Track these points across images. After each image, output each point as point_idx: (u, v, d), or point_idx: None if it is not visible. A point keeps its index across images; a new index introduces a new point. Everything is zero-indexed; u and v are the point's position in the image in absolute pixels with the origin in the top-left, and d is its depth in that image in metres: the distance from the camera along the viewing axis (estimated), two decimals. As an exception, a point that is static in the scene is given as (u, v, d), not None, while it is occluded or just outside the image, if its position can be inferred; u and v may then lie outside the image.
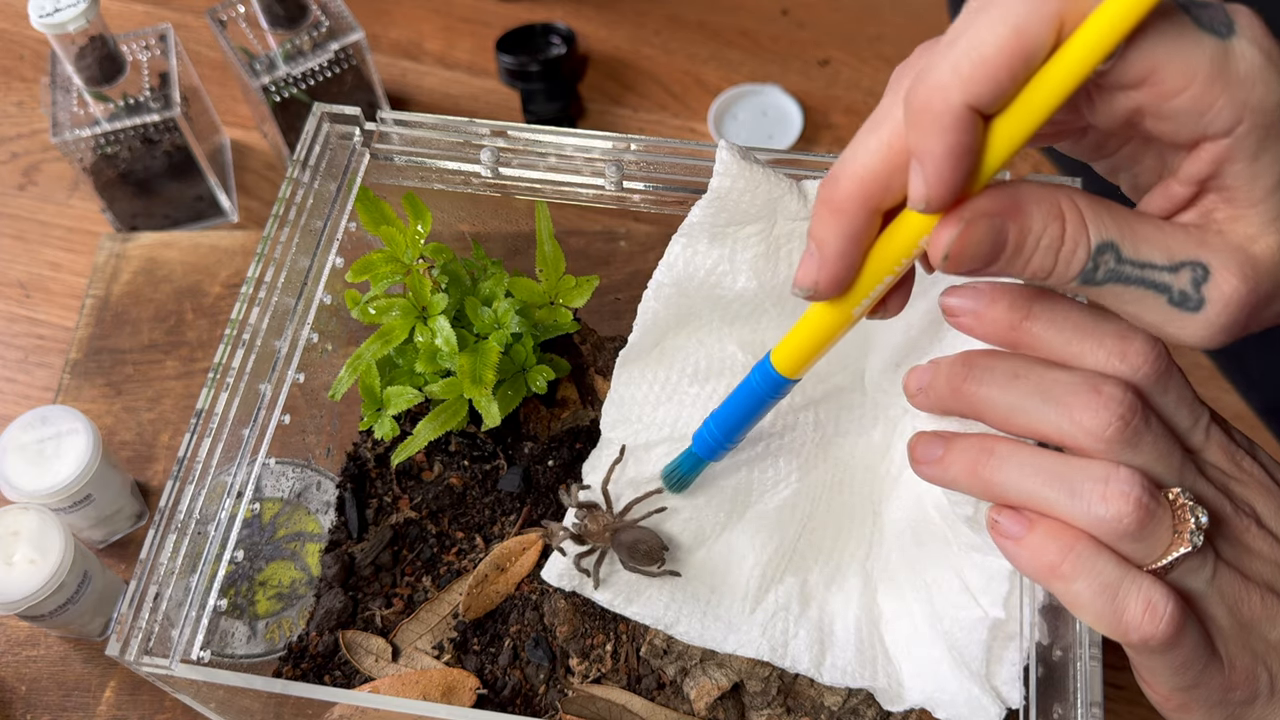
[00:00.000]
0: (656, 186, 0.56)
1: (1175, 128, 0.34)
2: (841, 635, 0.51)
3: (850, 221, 0.37)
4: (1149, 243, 0.35)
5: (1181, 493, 0.37)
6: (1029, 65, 0.32)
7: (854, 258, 0.37)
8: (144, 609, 0.47)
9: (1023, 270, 0.36)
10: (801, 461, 0.54)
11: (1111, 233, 0.35)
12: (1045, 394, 0.37)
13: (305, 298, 0.55)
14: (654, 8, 1.00)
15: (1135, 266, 0.35)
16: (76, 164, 0.81)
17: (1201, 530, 0.36)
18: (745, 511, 0.53)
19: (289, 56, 0.82)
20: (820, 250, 0.37)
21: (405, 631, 0.56)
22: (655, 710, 0.52)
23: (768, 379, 0.44)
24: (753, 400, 0.45)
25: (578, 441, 0.60)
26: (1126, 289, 0.35)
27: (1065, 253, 0.35)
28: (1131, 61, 0.33)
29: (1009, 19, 0.32)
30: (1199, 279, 0.35)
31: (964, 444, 0.39)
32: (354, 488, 0.61)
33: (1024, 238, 0.35)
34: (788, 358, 0.43)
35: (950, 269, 0.35)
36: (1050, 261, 0.35)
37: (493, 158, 0.57)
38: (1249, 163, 0.34)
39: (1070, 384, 0.37)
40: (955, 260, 0.35)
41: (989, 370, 0.39)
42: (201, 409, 0.51)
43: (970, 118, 0.33)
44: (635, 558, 0.50)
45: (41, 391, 0.79)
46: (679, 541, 0.52)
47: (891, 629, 0.51)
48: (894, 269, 0.37)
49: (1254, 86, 0.33)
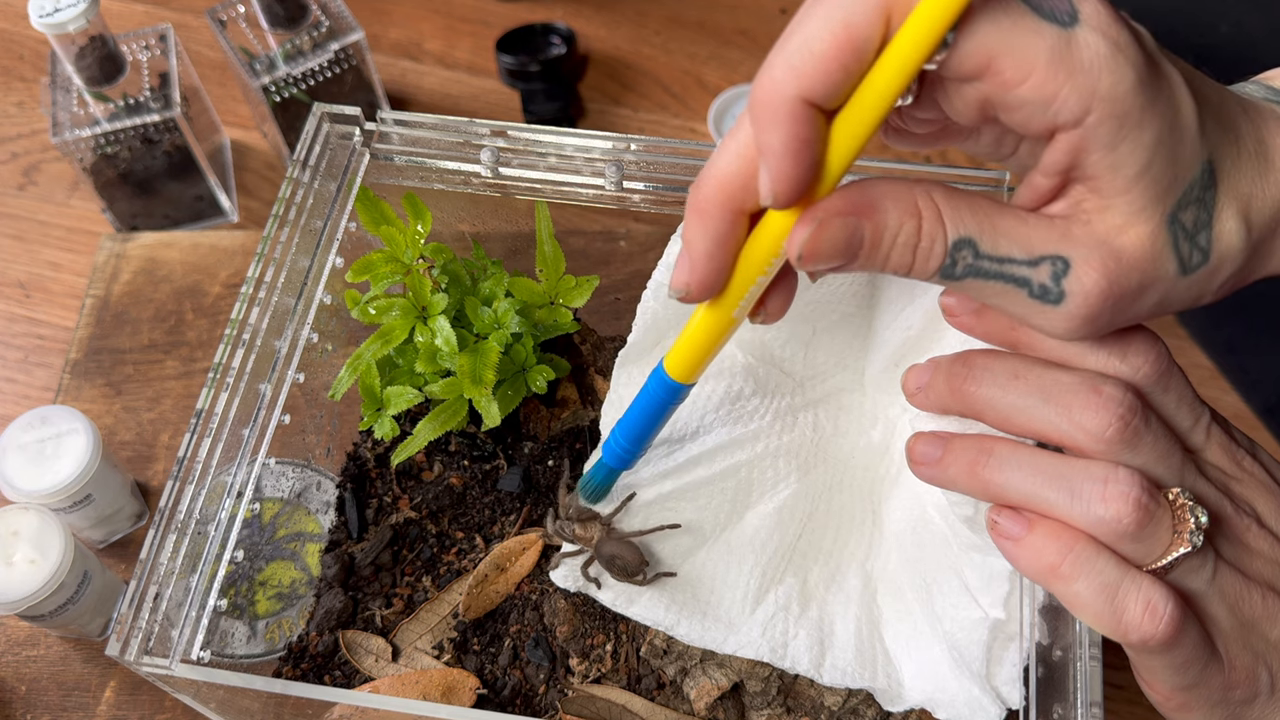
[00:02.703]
0: (656, 186, 0.56)
1: (1025, 118, 0.34)
2: (841, 636, 0.51)
3: (715, 224, 0.37)
4: (1008, 237, 0.35)
5: (1181, 493, 0.37)
6: (860, 58, 0.32)
7: (722, 260, 0.37)
8: (144, 609, 0.47)
9: (883, 267, 0.36)
10: (801, 462, 0.54)
11: (970, 229, 0.35)
12: (1045, 394, 0.37)
13: (305, 298, 0.55)
14: (654, 8, 1.00)
15: (994, 261, 0.35)
16: (76, 164, 0.81)
17: (1201, 530, 0.36)
18: (745, 513, 0.53)
19: (289, 56, 0.82)
20: (690, 252, 0.37)
21: (405, 631, 0.56)
22: (655, 710, 0.52)
23: (663, 385, 0.44)
24: (653, 407, 0.46)
25: (578, 441, 0.60)
26: (986, 283, 0.36)
27: (922, 249, 0.35)
28: (966, 52, 0.33)
29: (837, 14, 0.32)
30: (1059, 272, 0.35)
31: (962, 445, 0.39)
32: (354, 488, 0.61)
33: (879, 235, 0.35)
34: (679, 363, 0.43)
35: (806, 267, 0.35)
36: (908, 259, 0.35)
37: (493, 158, 0.57)
38: (1106, 152, 0.34)
39: (1070, 384, 0.37)
40: (810, 259, 0.35)
41: (988, 370, 0.39)
42: (201, 409, 0.51)
43: (806, 111, 0.33)
44: (614, 571, 0.50)
45: (41, 391, 0.79)
46: (681, 543, 0.52)
47: (891, 629, 0.51)
48: (764, 269, 0.38)
49: (1100, 75, 0.32)
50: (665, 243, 0.53)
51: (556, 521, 0.52)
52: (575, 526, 0.51)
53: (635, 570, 0.50)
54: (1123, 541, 0.36)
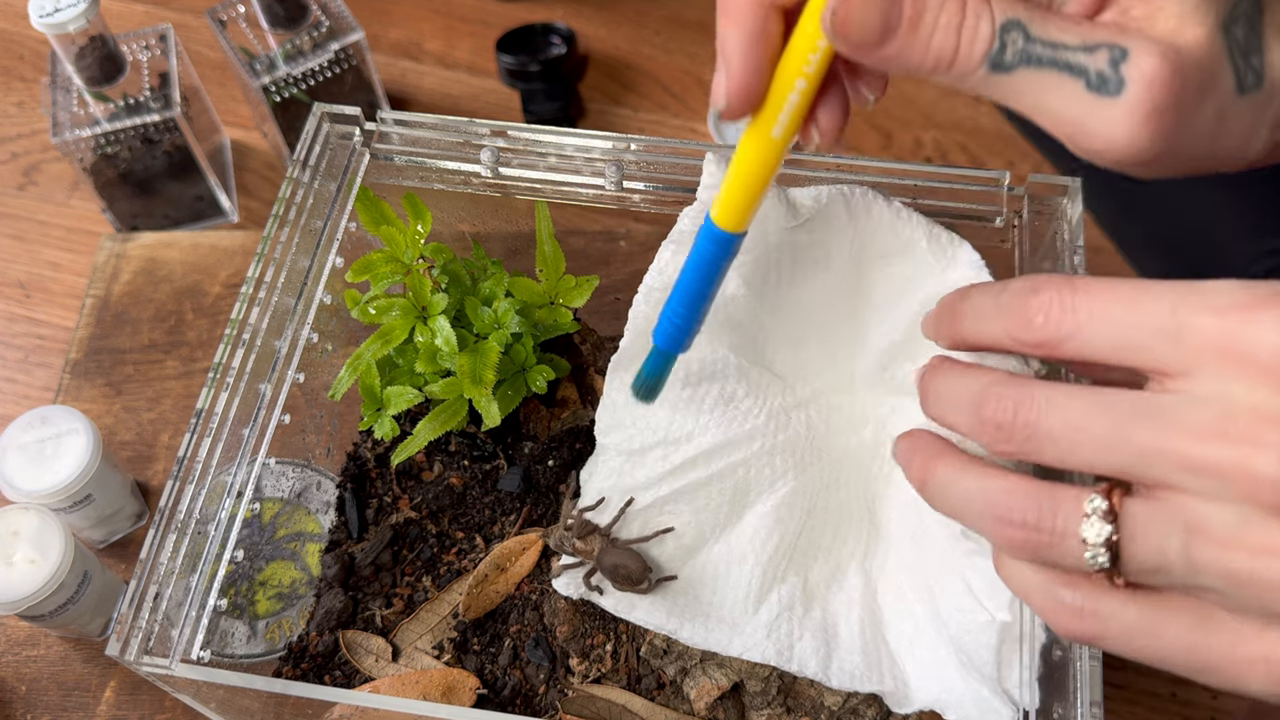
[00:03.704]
0: (656, 186, 0.56)
1: None
2: (846, 637, 0.51)
3: (748, 21, 0.35)
4: (1060, 24, 0.33)
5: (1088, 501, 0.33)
6: None
7: (758, 61, 0.35)
8: (144, 609, 0.47)
9: (925, 55, 0.33)
10: (797, 460, 0.54)
11: (1018, 11, 0.33)
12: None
13: (305, 298, 0.55)
14: (654, 8, 1.00)
15: (1047, 46, 0.33)
16: (76, 164, 0.81)
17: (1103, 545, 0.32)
18: (744, 513, 0.53)
19: (289, 56, 0.82)
20: (723, 55, 0.35)
21: (405, 631, 0.56)
22: (655, 710, 0.52)
23: (714, 239, 0.42)
24: (704, 266, 0.43)
25: (578, 441, 0.60)
26: (1040, 74, 0.33)
27: (968, 29, 0.33)
28: None
29: None
30: (1117, 59, 0.32)
31: (922, 452, 0.38)
32: (354, 488, 0.61)
33: (920, 10, 0.33)
34: (727, 209, 0.40)
35: (839, 38, 0.33)
36: (952, 40, 0.33)
37: (493, 158, 0.57)
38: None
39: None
40: (842, 26, 0.33)
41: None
42: (201, 409, 0.51)
43: None
44: (617, 581, 0.50)
45: (41, 391, 0.79)
46: (681, 544, 0.52)
47: (894, 630, 0.51)
48: (802, 69, 0.35)
49: None
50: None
51: (557, 536, 0.52)
52: (576, 541, 0.51)
53: (639, 578, 0.50)
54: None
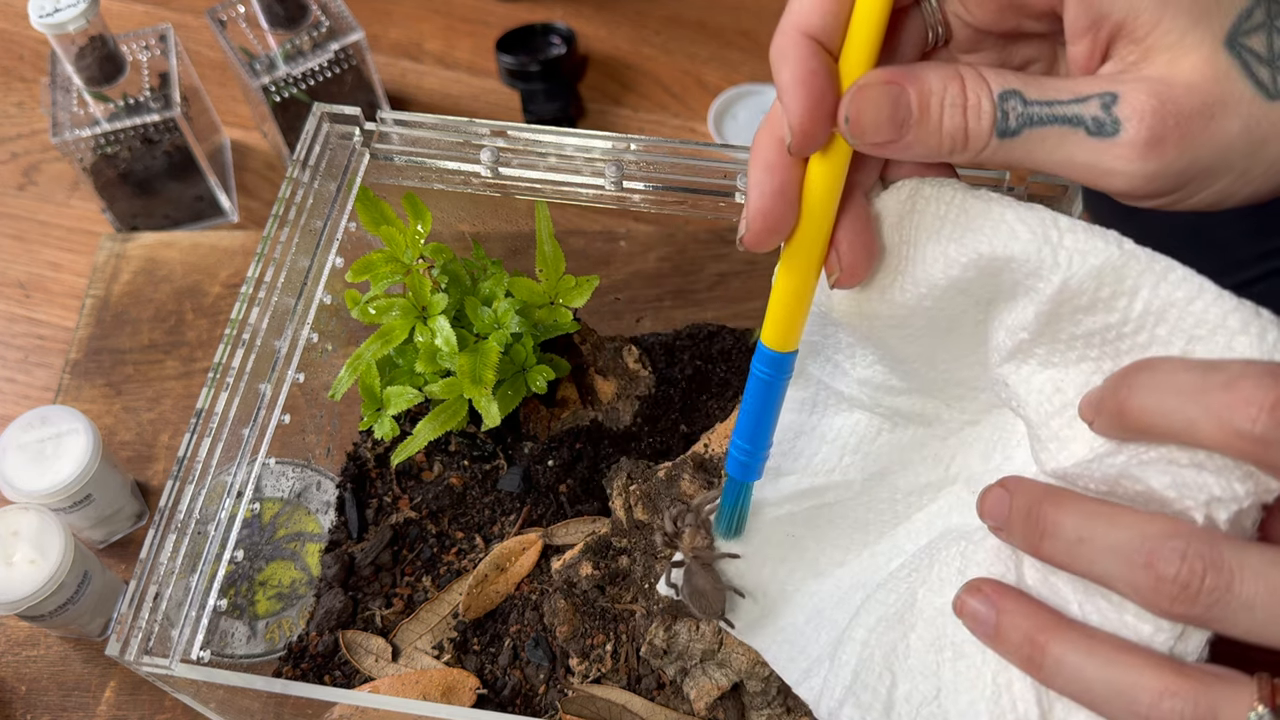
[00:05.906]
0: (656, 186, 0.56)
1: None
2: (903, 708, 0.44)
3: (800, 59, 0.38)
4: (1052, 86, 0.36)
5: None
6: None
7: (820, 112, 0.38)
8: (144, 609, 0.47)
9: (940, 138, 0.36)
10: (923, 508, 0.51)
11: (1012, 82, 0.36)
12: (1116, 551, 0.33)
13: (305, 298, 0.55)
14: (654, 8, 1.00)
15: (1043, 105, 0.35)
16: (76, 164, 0.81)
17: None
18: (862, 551, 0.50)
19: (289, 56, 0.82)
20: (784, 102, 0.38)
21: (405, 631, 0.56)
22: (655, 710, 0.52)
23: (767, 361, 0.44)
24: (761, 390, 0.45)
25: (578, 441, 0.60)
26: (1044, 131, 0.35)
27: (971, 107, 0.36)
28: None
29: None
30: (1108, 103, 0.35)
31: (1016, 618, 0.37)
32: (354, 488, 0.61)
33: (926, 100, 0.36)
34: (774, 331, 0.43)
35: (856, 137, 0.36)
36: (960, 119, 0.36)
37: (493, 158, 0.57)
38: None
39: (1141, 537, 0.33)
40: (856, 124, 0.36)
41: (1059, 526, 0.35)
42: (201, 409, 0.51)
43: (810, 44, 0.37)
44: (695, 603, 0.49)
45: (41, 391, 0.79)
46: (797, 569, 0.51)
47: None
48: (825, 197, 0.39)
49: None
50: (665, 243, 0.53)
51: (670, 514, 0.51)
52: (685, 530, 0.50)
53: (714, 615, 0.49)
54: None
